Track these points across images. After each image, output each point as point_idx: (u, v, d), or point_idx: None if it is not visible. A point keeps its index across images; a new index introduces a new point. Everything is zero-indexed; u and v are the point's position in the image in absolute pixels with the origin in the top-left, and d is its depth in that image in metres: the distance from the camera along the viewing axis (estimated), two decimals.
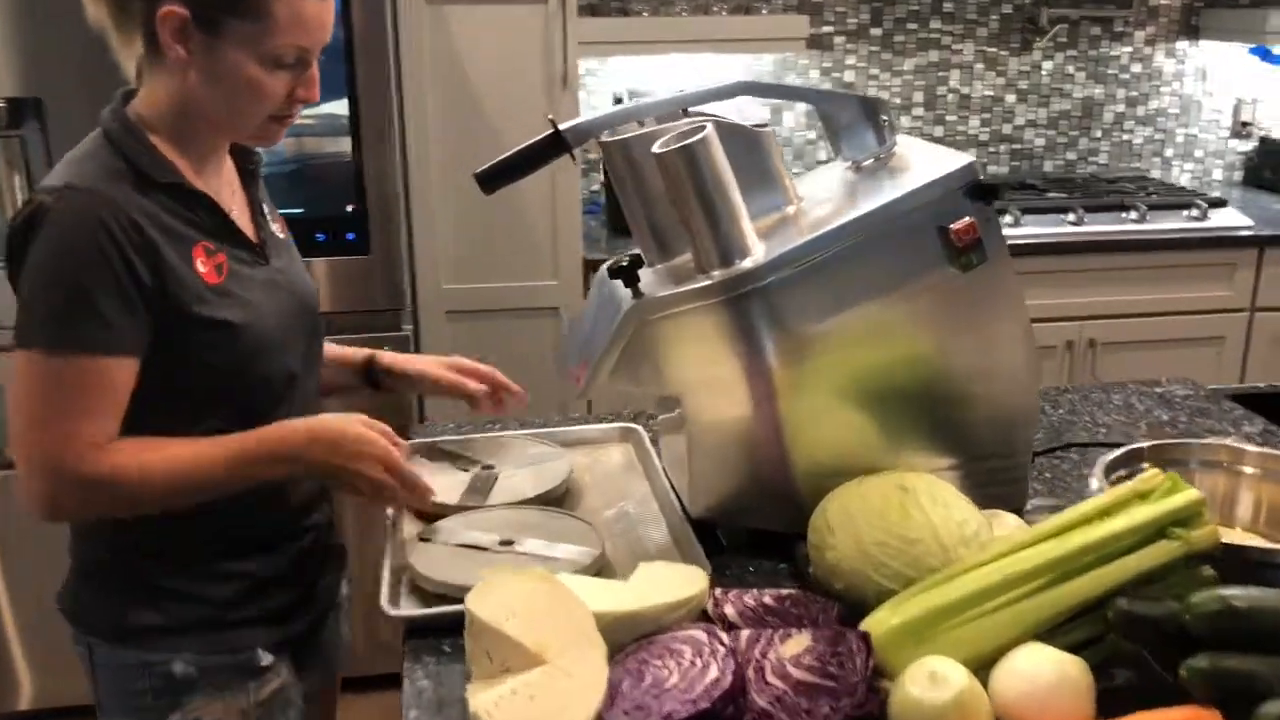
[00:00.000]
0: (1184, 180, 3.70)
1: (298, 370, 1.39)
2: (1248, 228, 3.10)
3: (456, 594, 1.25)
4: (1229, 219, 3.13)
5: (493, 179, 1.32)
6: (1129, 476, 1.34)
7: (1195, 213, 3.12)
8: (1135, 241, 3.05)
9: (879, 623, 1.10)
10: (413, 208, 2.66)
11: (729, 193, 1.27)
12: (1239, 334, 3.16)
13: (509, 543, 1.35)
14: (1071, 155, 3.65)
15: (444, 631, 1.23)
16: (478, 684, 1.05)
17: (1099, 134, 3.64)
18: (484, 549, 1.34)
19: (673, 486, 1.50)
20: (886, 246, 1.29)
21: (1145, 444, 1.35)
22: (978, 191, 1.29)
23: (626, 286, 1.28)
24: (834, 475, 1.33)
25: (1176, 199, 3.20)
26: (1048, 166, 3.64)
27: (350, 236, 2.52)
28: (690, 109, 1.37)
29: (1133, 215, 3.09)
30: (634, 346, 1.30)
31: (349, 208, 2.50)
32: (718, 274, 1.27)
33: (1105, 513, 1.15)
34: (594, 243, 2.96)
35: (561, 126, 1.31)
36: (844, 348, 1.31)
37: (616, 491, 1.55)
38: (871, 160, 1.43)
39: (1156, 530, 1.12)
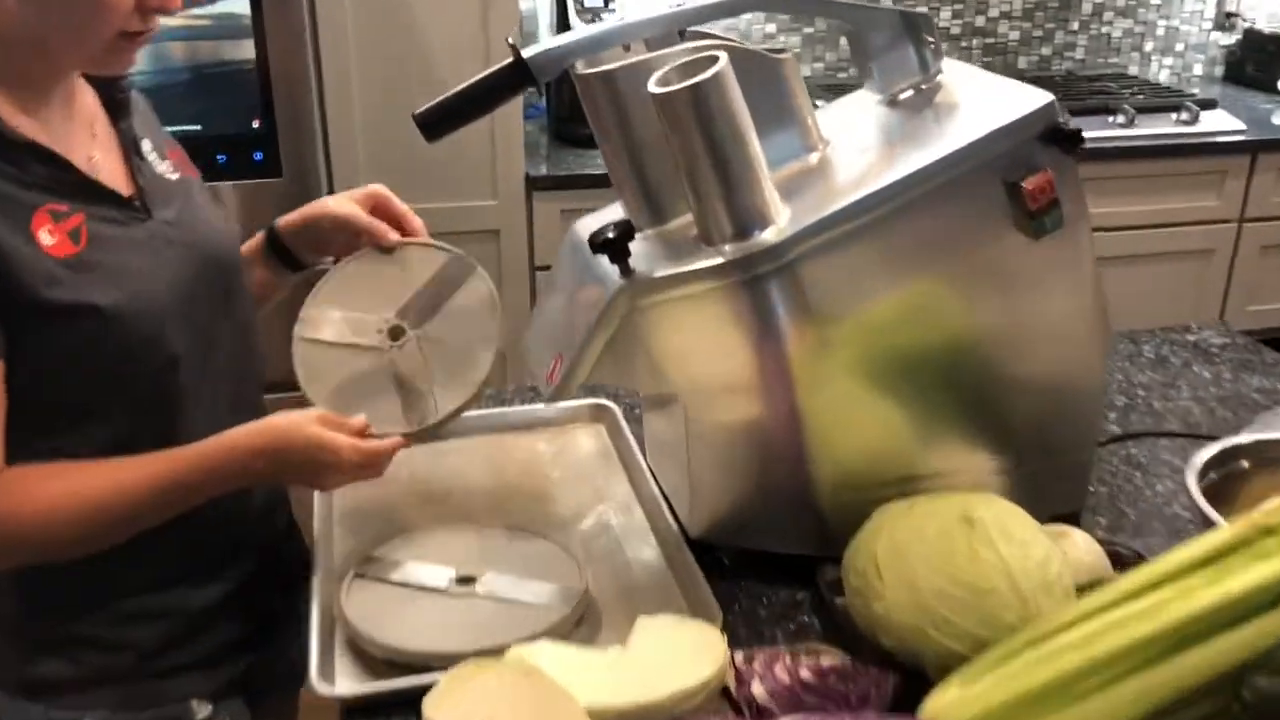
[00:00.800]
0: (1163, 77, 3.46)
1: (208, 346, 1.10)
2: (1239, 131, 2.88)
3: (407, 661, 1.00)
4: (1220, 122, 2.90)
5: (437, 123, 1.02)
6: (1223, 481, 1.12)
7: (1185, 115, 2.88)
8: (1123, 149, 2.81)
9: (951, 711, 0.87)
10: (329, 121, 2.31)
11: (747, 144, 0.98)
12: (1227, 246, 2.96)
13: (468, 580, 1.09)
14: (1047, 50, 3.38)
15: (393, 706, 0.98)
16: None
17: (1076, 26, 3.37)
18: (438, 590, 1.08)
19: (658, 484, 1.25)
20: (940, 209, 1.03)
21: (1244, 439, 1.12)
22: (1058, 138, 1.02)
23: (614, 263, 1.00)
24: (865, 488, 1.09)
25: (1165, 100, 2.96)
26: (1022, 63, 3.37)
27: (257, 157, 2.17)
28: (689, 29, 1.07)
29: (1119, 119, 2.85)
30: (623, 336, 1.03)
31: (254, 123, 2.16)
32: (730, 249, 0.99)
33: (1223, 554, 0.93)
34: (534, 151, 2.64)
35: (525, 53, 1.00)
36: (881, 335, 1.05)
37: (592, 491, 1.29)
38: (911, 91, 1.15)
39: None
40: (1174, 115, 2.88)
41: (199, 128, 2.11)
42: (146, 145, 1.11)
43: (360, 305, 1.18)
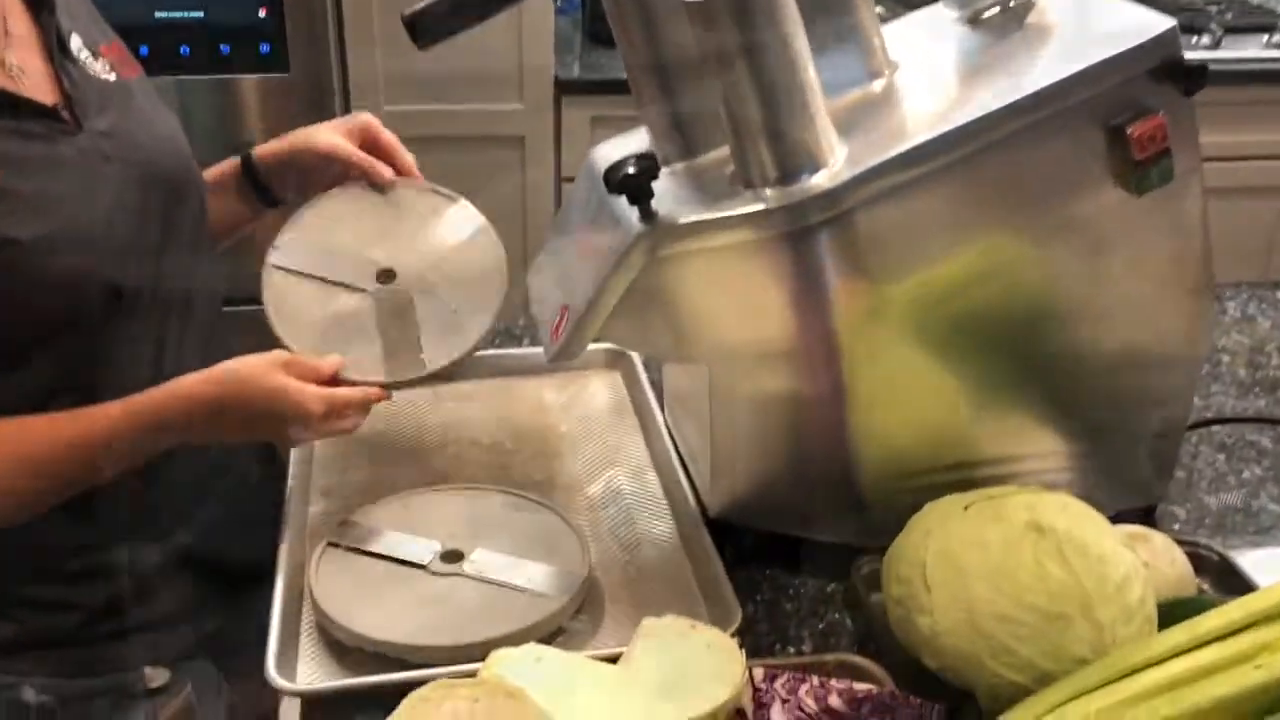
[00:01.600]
0: None
1: (155, 276, 0.96)
2: None
3: (378, 651, 0.87)
4: None
5: (429, 25, 0.86)
6: None
7: (1278, 38, 2.64)
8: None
9: None
10: (344, 10, 2.13)
11: (799, 66, 0.81)
12: None
13: (455, 556, 0.96)
14: None
15: (360, 703, 0.85)
16: None
17: None
18: (421, 567, 0.95)
19: (677, 448, 1.11)
20: (1025, 155, 0.86)
21: None
22: (1176, 75, 0.85)
23: (633, 204, 0.84)
24: (915, 474, 0.95)
25: (1256, 19, 2.72)
26: None
27: (264, 49, 2.01)
28: None
29: (1204, 40, 2.62)
30: (641, 291, 0.87)
31: (260, 11, 1.98)
32: (774, 194, 0.83)
33: None
34: (566, 50, 2.44)
35: None
36: (946, 299, 0.89)
37: (603, 451, 1.15)
38: (997, 8, 0.97)
39: None
40: (1265, 37, 2.65)
41: (200, 14, 1.95)
42: (76, 42, 0.95)
43: (346, 243, 1.04)
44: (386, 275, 1.04)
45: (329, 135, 1.07)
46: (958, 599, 0.82)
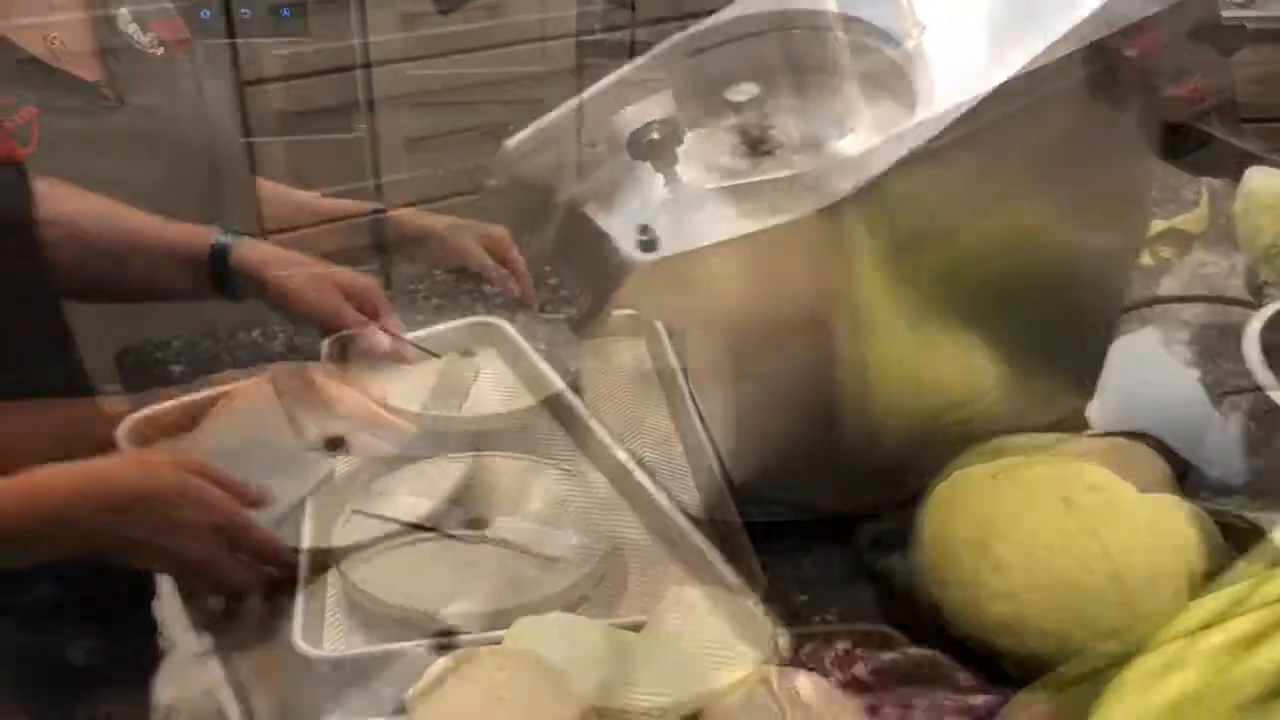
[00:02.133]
0: None
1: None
2: None
3: (402, 619, 0.88)
4: None
5: None
6: None
7: None
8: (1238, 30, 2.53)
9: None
10: None
11: (827, 28, 0.80)
12: None
13: (479, 523, 0.96)
14: None
15: (387, 667, 0.86)
16: None
17: None
18: (444, 534, 0.95)
19: (702, 418, 1.11)
20: (1058, 119, 0.85)
21: None
22: (1214, 35, 0.83)
23: (657, 171, 0.84)
24: (943, 444, 0.94)
25: None
26: None
27: (284, 13, 1.99)
28: None
29: None
30: (664, 260, 0.86)
31: None
32: (799, 159, 0.83)
33: None
34: (589, 8, 2.42)
35: None
36: (975, 269, 0.88)
37: (627, 420, 1.15)
38: None
39: None
40: None
41: None
42: (125, 16, 0.94)
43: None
44: (466, 353, 1.13)
45: (463, 234, 1.14)
46: (985, 571, 0.81)
